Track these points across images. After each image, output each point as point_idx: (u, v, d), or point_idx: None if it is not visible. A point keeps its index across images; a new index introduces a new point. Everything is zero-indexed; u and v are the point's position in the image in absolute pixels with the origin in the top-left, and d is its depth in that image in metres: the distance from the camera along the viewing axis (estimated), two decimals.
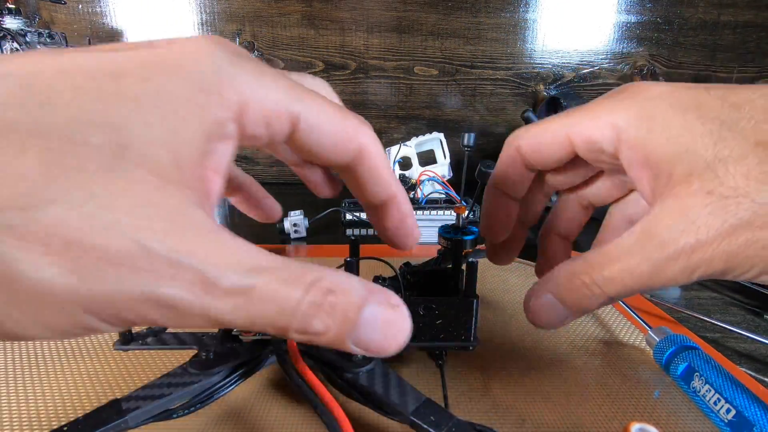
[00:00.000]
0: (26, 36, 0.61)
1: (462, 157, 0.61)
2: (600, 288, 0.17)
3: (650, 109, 0.16)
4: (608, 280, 0.16)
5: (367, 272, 0.40)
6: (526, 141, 0.20)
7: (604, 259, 0.17)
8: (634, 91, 0.17)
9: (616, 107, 0.17)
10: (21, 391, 0.26)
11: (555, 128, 0.19)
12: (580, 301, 0.18)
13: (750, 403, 0.22)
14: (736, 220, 0.14)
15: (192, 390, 0.22)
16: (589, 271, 0.17)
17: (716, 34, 0.84)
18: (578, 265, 0.18)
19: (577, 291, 0.17)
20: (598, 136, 0.18)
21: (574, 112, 0.19)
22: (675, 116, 0.16)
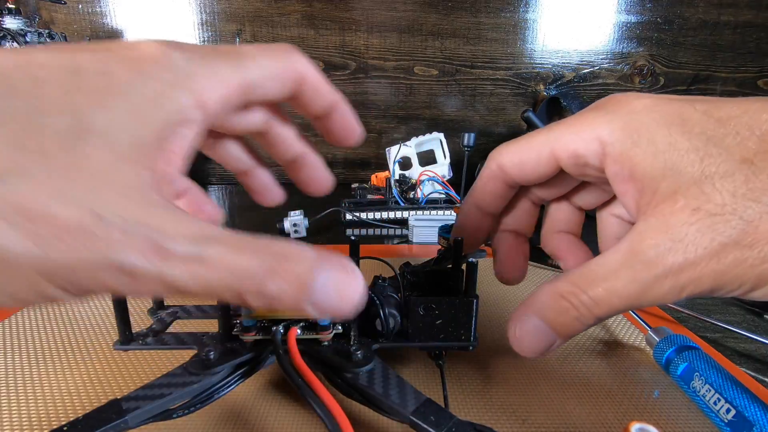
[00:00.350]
0: (26, 36, 0.61)
1: (462, 157, 0.61)
2: (588, 310, 0.16)
3: (635, 122, 0.16)
4: (595, 302, 0.16)
5: (367, 272, 0.40)
6: (508, 158, 0.20)
7: (589, 278, 0.16)
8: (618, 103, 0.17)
9: (599, 120, 0.17)
10: (21, 391, 0.26)
11: (538, 144, 0.19)
12: (569, 325, 0.17)
13: (750, 403, 0.22)
14: (724, 238, 0.14)
15: (192, 390, 0.22)
16: (575, 292, 0.16)
17: (716, 34, 0.84)
18: (563, 285, 0.17)
19: (564, 313, 0.17)
20: (583, 150, 0.17)
21: (557, 126, 0.19)
22: (660, 131, 0.15)
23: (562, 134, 0.18)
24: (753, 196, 0.14)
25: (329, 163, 1.04)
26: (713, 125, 0.15)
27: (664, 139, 0.15)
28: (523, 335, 0.18)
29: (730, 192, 0.14)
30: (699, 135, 0.15)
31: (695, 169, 0.15)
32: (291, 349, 0.23)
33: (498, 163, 0.20)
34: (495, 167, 0.21)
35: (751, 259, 0.14)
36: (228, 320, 0.25)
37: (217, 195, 0.80)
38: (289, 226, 0.54)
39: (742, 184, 0.14)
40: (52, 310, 0.35)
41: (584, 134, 0.17)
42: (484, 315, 0.35)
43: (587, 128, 0.17)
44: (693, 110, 0.15)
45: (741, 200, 0.14)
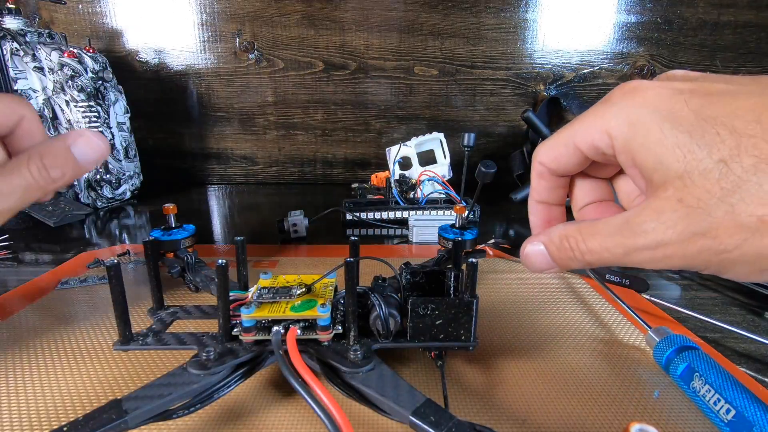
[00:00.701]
0: (26, 36, 0.61)
1: (462, 157, 0.61)
2: (582, 255, 0.20)
3: (635, 117, 0.18)
4: (589, 251, 0.19)
5: (367, 272, 0.40)
6: (545, 156, 0.23)
7: (591, 232, 0.19)
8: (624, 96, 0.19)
9: (609, 114, 0.19)
10: (21, 391, 0.26)
11: (564, 139, 0.21)
12: (564, 260, 0.21)
13: (750, 403, 0.22)
14: (696, 228, 0.16)
15: (192, 390, 0.22)
16: (577, 238, 0.20)
17: (716, 34, 0.84)
18: (571, 230, 0.20)
19: (564, 251, 0.20)
20: (598, 141, 0.20)
21: (577, 120, 0.21)
22: (653, 126, 0.18)
23: (581, 127, 0.20)
24: (721, 195, 0.16)
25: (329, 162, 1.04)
26: (699, 124, 0.17)
27: (656, 136, 0.17)
28: (530, 255, 0.22)
29: (705, 189, 0.16)
30: (685, 133, 0.17)
31: (680, 164, 0.17)
32: (291, 350, 0.23)
33: (539, 161, 0.23)
34: (538, 165, 0.23)
35: (714, 249, 0.16)
36: (228, 320, 0.25)
37: (217, 195, 0.80)
38: (289, 225, 0.54)
39: (716, 182, 0.16)
40: (52, 310, 0.35)
41: (597, 127, 0.19)
42: (484, 315, 0.35)
43: (599, 121, 0.19)
44: (685, 107, 0.17)
45: (711, 198, 0.16)
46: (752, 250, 0.16)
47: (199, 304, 0.30)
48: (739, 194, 0.15)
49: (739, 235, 0.16)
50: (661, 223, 0.17)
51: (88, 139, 0.23)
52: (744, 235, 0.16)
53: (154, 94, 0.85)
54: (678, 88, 0.18)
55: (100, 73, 0.65)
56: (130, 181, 0.72)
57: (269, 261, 0.47)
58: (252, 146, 0.89)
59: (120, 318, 0.24)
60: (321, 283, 0.28)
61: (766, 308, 0.39)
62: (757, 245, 0.15)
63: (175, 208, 0.35)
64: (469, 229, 0.38)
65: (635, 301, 0.39)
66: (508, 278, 0.42)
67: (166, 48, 0.82)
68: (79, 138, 0.23)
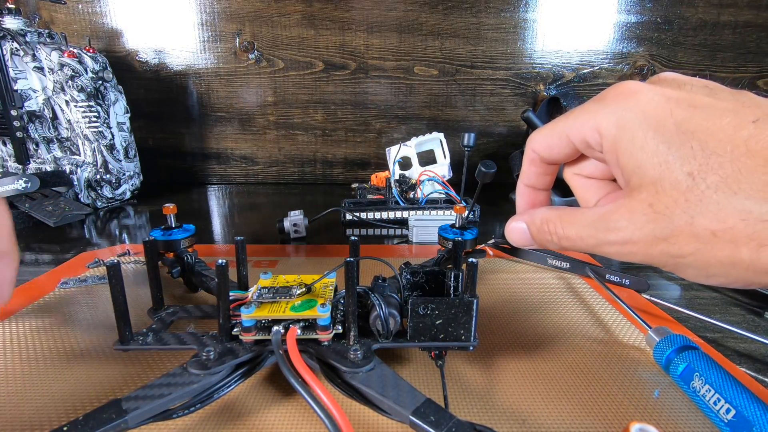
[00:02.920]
0: (26, 36, 0.61)
1: (462, 157, 0.61)
2: (558, 239, 0.22)
3: (624, 120, 0.19)
4: (566, 237, 0.21)
5: (367, 272, 0.40)
6: (539, 144, 0.24)
7: (570, 221, 0.21)
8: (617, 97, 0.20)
9: (601, 113, 0.20)
10: (21, 391, 0.26)
11: (558, 131, 0.22)
12: (541, 241, 0.23)
13: (750, 403, 0.22)
14: (658, 233, 0.18)
15: (192, 390, 0.22)
16: (556, 224, 0.22)
17: (716, 34, 0.84)
18: (552, 216, 0.22)
19: (543, 233, 0.22)
20: (589, 138, 0.21)
21: (572, 113, 0.22)
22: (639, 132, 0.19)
23: (575, 121, 0.21)
24: (685, 207, 0.17)
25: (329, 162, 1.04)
26: (678, 137, 0.18)
27: (639, 142, 0.19)
28: (513, 230, 0.24)
29: (673, 198, 0.17)
30: (665, 143, 0.18)
31: (655, 172, 0.18)
32: (291, 349, 0.23)
33: (532, 148, 0.24)
34: (531, 152, 0.25)
35: (671, 252, 0.18)
36: (228, 320, 0.25)
37: (217, 195, 0.80)
38: (289, 225, 0.54)
39: (682, 194, 0.17)
40: (52, 310, 0.35)
41: (589, 124, 0.21)
42: (484, 315, 0.35)
43: (591, 119, 0.20)
44: (670, 117, 0.18)
45: (676, 208, 0.17)
46: (702, 259, 0.17)
47: (199, 304, 0.30)
48: (700, 208, 0.17)
49: (694, 245, 0.17)
50: (631, 223, 0.19)
51: None
52: (698, 245, 0.17)
53: (154, 94, 0.85)
54: (667, 96, 0.19)
55: (100, 73, 0.65)
56: (130, 181, 0.72)
57: (269, 261, 0.47)
58: (252, 146, 0.89)
59: (120, 318, 0.24)
60: (321, 283, 0.28)
61: (766, 308, 0.39)
62: (707, 255, 0.17)
63: (175, 208, 0.35)
64: (469, 229, 0.38)
65: (635, 301, 0.39)
66: (508, 278, 0.42)
67: (166, 48, 0.82)
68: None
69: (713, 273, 0.18)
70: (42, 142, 0.66)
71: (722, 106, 0.18)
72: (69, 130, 0.65)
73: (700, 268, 0.18)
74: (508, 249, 0.47)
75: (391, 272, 0.28)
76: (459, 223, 0.38)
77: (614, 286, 0.41)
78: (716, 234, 0.17)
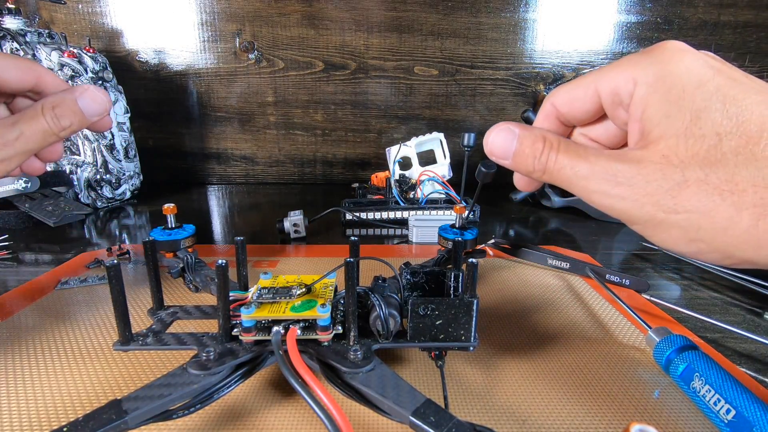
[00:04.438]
0: (26, 36, 0.61)
1: (462, 157, 0.61)
2: (546, 161, 0.20)
3: (664, 72, 0.19)
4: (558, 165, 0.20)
5: (367, 272, 0.40)
6: (560, 97, 0.23)
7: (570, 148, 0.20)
8: (663, 53, 0.20)
9: (641, 62, 0.20)
10: (21, 391, 0.26)
11: (586, 82, 0.22)
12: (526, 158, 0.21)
13: (750, 404, 0.22)
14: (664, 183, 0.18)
15: (192, 390, 0.22)
16: (553, 144, 0.20)
17: (716, 34, 0.84)
18: (553, 136, 0.21)
19: (533, 148, 0.21)
20: (621, 86, 0.20)
21: (604, 67, 0.22)
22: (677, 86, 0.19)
23: (607, 72, 0.21)
24: (702, 163, 0.17)
25: (329, 162, 1.04)
26: (715, 99, 0.18)
27: (675, 95, 0.19)
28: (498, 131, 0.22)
29: (693, 152, 0.18)
30: (702, 101, 0.18)
31: (682, 125, 0.18)
32: (291, 350, 0.23)
33: (551, 101, 0.23)
34: (549, 106, 0.24)
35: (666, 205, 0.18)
36: (228, 320, 0.25)
37: (217, 195, 0.80)
38: (289, 225, 0.54)
39: (704, 150, 0.17)
40: (51, 310, 0.35)
41: (624, 74, 0.20)
42: (484, 315, 0.35)
43: (629, 68, 0.20)
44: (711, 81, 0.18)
45: (694, 162, 0.17)
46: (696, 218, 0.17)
47: (199, 304, 0.30)
48: (717, 167, 0.17)
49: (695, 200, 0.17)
50: (638, 174, 0.18)
51: (92, 94, 0.27)
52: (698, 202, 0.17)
53: (154, 94, 0.85)
54: (710, 63, 0.19)
55: (100, 73, 0.65)
56: (130, 181, 0.72)
57: (269, 261, 0.47)
58: (252, 146, 0.89)
59: (120, 318, 0.24)
60: (321, 284, 0.28)
61: (766, 308, 0.39)
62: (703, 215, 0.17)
63: (175, 208, 0.35)
64: (469, 229, 0.38)
65: (635, 301, 0.39)
66: (508, 278, 0.42)
67: (166, 48, 0.82)
68: (85, 92, 0.27)
69: (699, 237, 0.18)
70: None
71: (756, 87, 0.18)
72: None
73: (687, 229, 0.18)
74: (508, 249, 0.47)
75: (391, 272, 0.28)
76: (459, 223, 0.38)
77: (614, 286, 0.41)
78: (723, 194, 0.17)
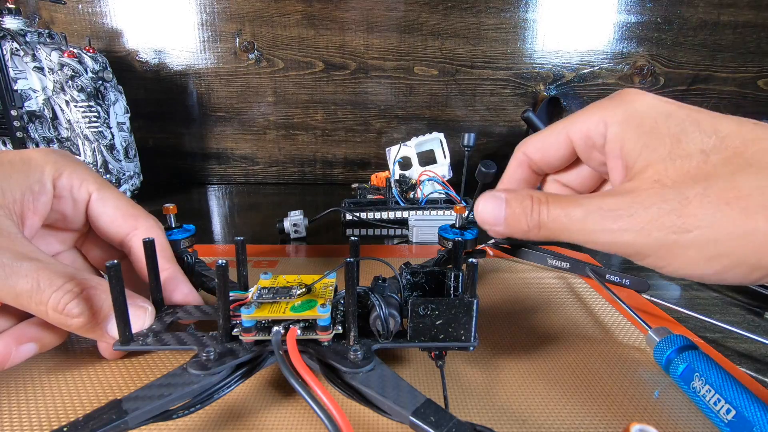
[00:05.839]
0: (26, 36, 0.61)
1: (462, 157, 0.61)
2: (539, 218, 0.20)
3: (632, 110, 0.20)
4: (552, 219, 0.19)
5: (367, 272, 0.40)
6: (533, 145, 0.23)
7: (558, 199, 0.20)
8: (625, 97, 0.21)
9: (608, 108, 0.21)
10: (21, 391, 0.26)
11: (557, 130, 0.23)
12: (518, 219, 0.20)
13: (750, 403, 0.22)
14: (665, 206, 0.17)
15: (192, 390, 0.22)
16: (541, 200, 0.20)
17: (716, 34, 0.84)
18: (539, 193, 0.21)
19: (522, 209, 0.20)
20: (592, 129, 0.21)
21: (572, 115, 0.22)
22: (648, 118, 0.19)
23: (578, 118, 0.22)
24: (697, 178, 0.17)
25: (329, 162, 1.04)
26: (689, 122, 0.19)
27: (650, 125, 0.19)
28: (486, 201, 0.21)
29: (684, 171, 0.18)
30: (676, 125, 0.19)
31: (665, 149, 0.18)
32: (291, 350, 0.23)
33: (523, 151, 0.24)
34: (521, 155, 0.24)
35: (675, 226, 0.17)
36: (228, 320, 0.25)
37: (217, 195, 0.80)
38: (289, 226, 0.54)
39: (694, 167, 0.17)
40: None
41: (594, 118, 0.21)
42: (484, 315, 0.35)
43: (597, 113, 0.21)
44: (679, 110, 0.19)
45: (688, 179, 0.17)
46: (710, 232, 0.17)
47: (199, 304, 0.30)
48: (713, 180, 0.17)
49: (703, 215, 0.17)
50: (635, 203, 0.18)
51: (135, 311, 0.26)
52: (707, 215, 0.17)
53: (154, 94, 0.85)
54: (669, 101, 0.20)
55: (100, 73, 0.65)
56: (130, 181, 0.72)
57: (269, 261, 0.47)
58: (252, 146, 0.89)
59: (120, 318, 0.24)
60: (321, 284, 0.28)
61: (766, 308, 0.39)
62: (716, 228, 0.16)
63: (175, 208, 0.35)
64: (469, 229, 0.38)
65: (635, 301, 0.39)
66: (508, 278, 0.42)
67: (166, 48, 0.82)
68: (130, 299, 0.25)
69: (718, 251, 0.17)
70: (42, 142, 0.66)
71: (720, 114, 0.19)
72: (69, 130, 0.65)
73: (703, 246, 0.17)
74: (508, 249, 0.47)
75: (391, 272, 0.28)
76: (459, 223, 0.38)
77: (614, 286, 0.41)
78: (729, 202, 0.16)
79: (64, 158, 0.27)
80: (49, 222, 0.28)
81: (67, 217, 0.28)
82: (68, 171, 0.27)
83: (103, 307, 0.24)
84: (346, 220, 0.59)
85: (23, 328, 0.25)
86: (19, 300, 0.22)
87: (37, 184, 0.25)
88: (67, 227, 0.29)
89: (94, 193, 0.28)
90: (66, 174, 0.27)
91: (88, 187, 0.27)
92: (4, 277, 0.21)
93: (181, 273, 0.30)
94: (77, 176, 0.27)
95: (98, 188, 0.28)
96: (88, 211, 0.28)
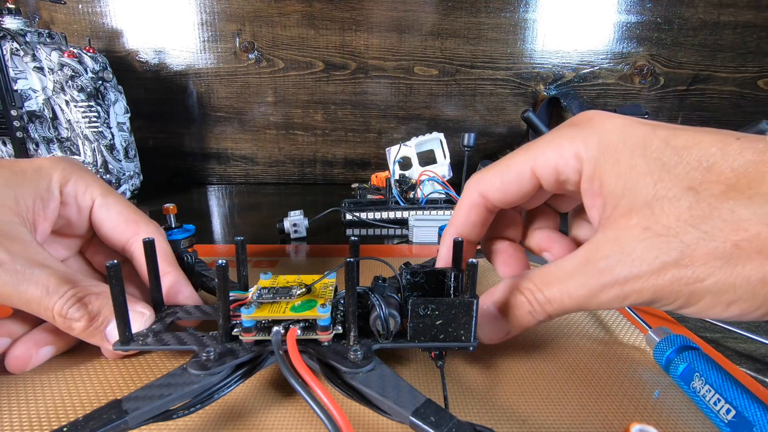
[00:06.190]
0: (26, 36, 0.61)
1: (462, 157, 0.61)
2: (541, 306, 0.18)
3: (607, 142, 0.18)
4: (548, 300, 0.18)
5: (367, 272, 0.40)
6: (490, 184, 0.21)
7: (546, 279, 0.18)
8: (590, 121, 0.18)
9: (578, 137, 0.18)
10: (21, 391, 0.26)
11: (519, 164, 0.20)
12: (522, 318, 0.19)
13: (750, 403, 0.22)
14: (666, 257, 0.15)
15: (192, 390, 0.22)
16: (532, 289, 0.18)
17: (716, 34, 0.84)
18: (523, 282, 0.19)
19: (520, 307, 0.19)
20: (563, 166, 0.19)
21: (533, 145, 0.20)
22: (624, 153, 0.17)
23: (543, 151, 0.19)
24: (693, 222, 0.15)
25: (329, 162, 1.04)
26: (669, 153, 0.16)
27: (627, 161, 0.17)
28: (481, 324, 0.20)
29: (675, 216, 0.16)
30: (655, 160, 0.16)
31: (649, 191, 0.16)
32: (291, 350, 0.23)
33: (479, 191, 0.21)
34: (476, 196, 0.22)
35: (686, 278, 0.15)
36: (228, 320, 0.25)
37: (217, 195, 0.80)
38: (288, 226, 0.54)
39: (686, 210, 0.15)
40: None
41: (564, 150, 0.18)
42: None
43: (567, 144, 0.18)
44: (654, 136, 0.17)
45: (683, 225, 0.15)
46: (725, 279, 0.15)
47: (199, 304, 0.30)
48: (712, 220, 0.15)
49: (713, 262, 0.15)
50: (627, 255, 0.16)
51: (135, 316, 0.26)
52: (718, 262, 0.15)
53: (154, 94, 0.85)
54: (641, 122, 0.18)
55: (100, 73, 0.65)
56: (130, 181, 0.72)
57: (269, 261, 0.47)
58: (252, 146, 0.89)
59: (120, 318, 0.24)
60: (321, 284, 0.28)
61: None
62: (730, 274, 0.15)
63: (175, 208, 0.35)
64: None
65: None
66: None
67: (166, 48, 0.82)
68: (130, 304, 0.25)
69: (737, 297, 0.15)
70: (42, 142, 0.66)
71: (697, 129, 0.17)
72: (69, 130, 0.65)
73: (721, 293, 0.15)
74: None
75: (391, 272, 0.28)
76: None
77: None
78: (739, 245, 0.15)
79: (71, 166, 0.28)
80: (56, 228, 0.28)
81: (72, 223, 0.28)
82: (74, 178, 0.27)
83: (103, 311, 0.24)
84: (346, 220, 0.59)
85: (41, 332, 0.26)
86: (29, 306, 0.22)
87: (46, 192, 0.26)
88: (72, 233, 0.29)
89: (97, 199, 0.28)
90: (72, 181, 0.27)
91: (92, 193, 0.28)
92: (16, 284, 0.21)
93: (183, 277, 0.31)
94: (82, 183, 0.28)
95: (102, 194, 0.28)
96: (91, 217, 0.28)
